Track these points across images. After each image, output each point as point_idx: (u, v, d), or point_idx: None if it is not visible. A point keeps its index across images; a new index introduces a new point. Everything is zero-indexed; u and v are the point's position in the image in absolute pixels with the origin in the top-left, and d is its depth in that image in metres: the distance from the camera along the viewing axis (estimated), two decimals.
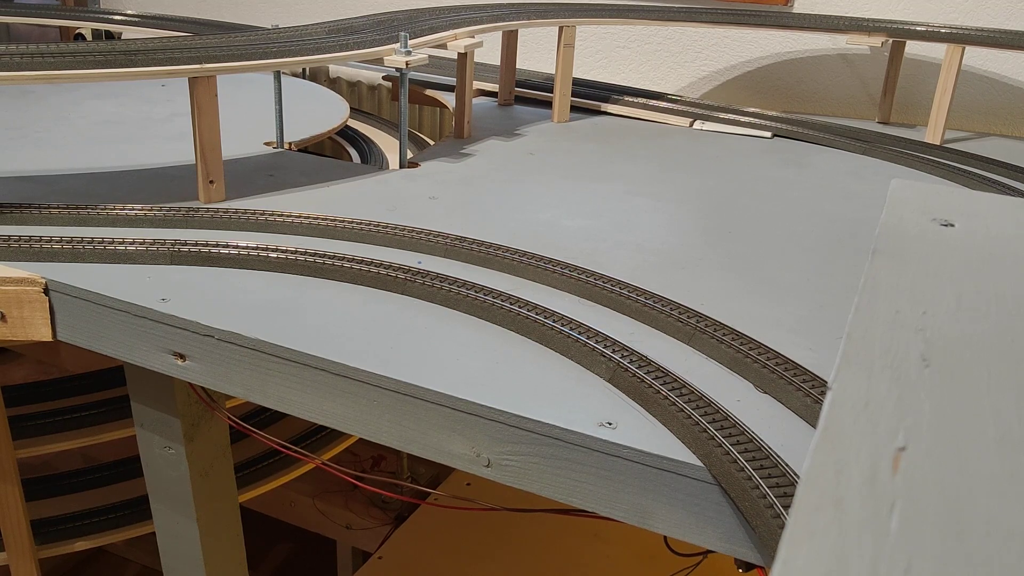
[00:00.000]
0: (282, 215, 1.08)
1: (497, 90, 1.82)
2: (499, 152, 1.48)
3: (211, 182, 1.16)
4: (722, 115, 1.71)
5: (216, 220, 1.08)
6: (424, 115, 2.21)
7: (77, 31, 2.17)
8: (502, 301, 0.88)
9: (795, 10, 1.92)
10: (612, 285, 0.93)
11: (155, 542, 1.25)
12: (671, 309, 0.87)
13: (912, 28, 1.65)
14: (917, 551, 0.29)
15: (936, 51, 1.75)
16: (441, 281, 0.92)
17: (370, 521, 1.91)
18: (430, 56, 1.36)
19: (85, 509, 1.45)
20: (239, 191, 1.20)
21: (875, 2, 1.86)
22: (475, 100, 1.80)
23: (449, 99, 1.76)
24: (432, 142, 1.82)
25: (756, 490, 0.62)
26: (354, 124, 1.80)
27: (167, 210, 1.10)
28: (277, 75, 1.42)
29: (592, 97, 1.79)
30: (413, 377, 0.76)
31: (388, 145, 1.68)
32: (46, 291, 0.94)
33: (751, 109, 1.76)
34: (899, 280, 0.50)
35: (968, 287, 0.50)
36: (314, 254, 0.98)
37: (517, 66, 1.80)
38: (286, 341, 0.82)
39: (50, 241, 0.98)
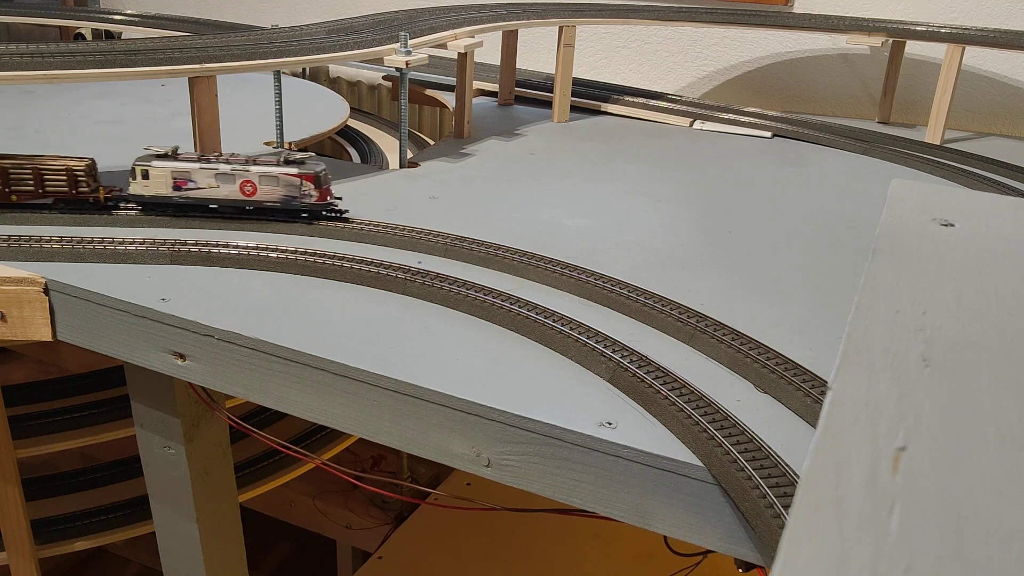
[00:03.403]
0: None
1: (497, 90, 1.82)
2: (499, 152, 1.48)
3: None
4: (722, 115, 1.71)
5: (216, 219, 1.08)
6: (424, 115, 2.21)
7: (77, 31, 2.17)
8: (502, 301, 0.88)
9: (795, 10, 1.92)
10: (612, 285, 0.93)
11: (155, 542, 1.25)
12: (671, 309, 0.87)
13: (912, 28, 1.65)
14: (917, 551, 0.29)
15: (936, 51, 1.75)
16: (441, 281, 0.92)
17: (370, 521, 1.91)
18: (430, 56, 1.36)
19: (85, 509, 1.45)
20: None
21: (875, 2, 1.86)
22: (475, 100, 1.80)
23: (449, 99, 1.76)
24: (432, 142, 1.82)
25: (756, 490, 0.62)
26: (354, 124, 1.80)
27: None
28: (277, 75, 1.42)
29: (592, 97, 1.79)
30: (413, 377, 0.76)
31: (388, 145, 1.68)
32: (46, 291, 0.94)
33: (751, 109, 1.76)
34: (899, 280, 0.50)
35: (968, 287, 0.50)
36: (314, 254, 0.98)
37: (517, 66, 1.80)
38: (286, 341, 0.82)
39: (50, 241, 0.98)
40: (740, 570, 0.68)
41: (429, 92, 1.87)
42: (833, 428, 0.36)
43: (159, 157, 1.05)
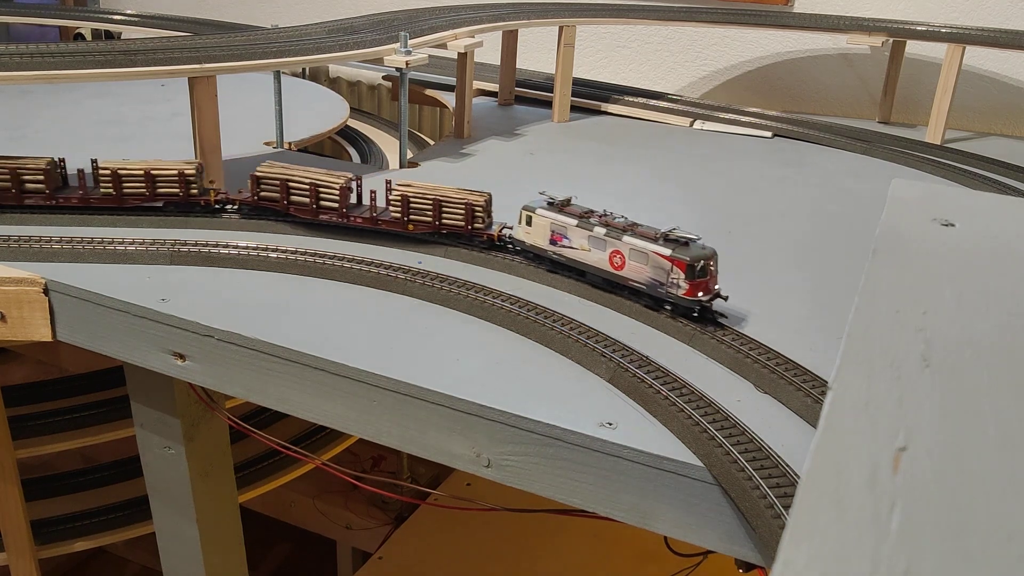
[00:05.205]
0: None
1: (497, 90, 1.82)
2: (499, 152, 1.48)
3: (211, 182, 1.15)
4: (722, 115, 1.71)
5: (216, 220, 1.08)
6: (424, 115, 2.21)
7: (77, 31, 2.17)
8: (502, 301, 0.88)
9: (795, 10, 1.92)
10: None
11: (155, 542, 1.25)
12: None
13: (912, 28, 1.65)
14: (917, 551, 0.29)
15: (936, 51, 1.75)
16: (441, 281, 0.92)
17: (370, 521, 1.91)
18: (430, 56, 1.36)
19: (85, 509, 1.45)
20: None
21: (875, 2, 1.86)
22: (475, 100, 1.80)
23: (449, 99, 1.76)
24: (432, 142, 1.82)
25: (756, 490, 0.62)
26: (354, 124, 1.80)
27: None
28: (277, 75, 1.42)
29: (592, 97, 1.79)
30: (413, 377, 0.76)
31: (388, 145, 1.69)
32: (46, 291, 0.94)
33: (751, 109, 1.76)
34: (899, 280, 0.50)
35: (968, 287, 0.50)
36: (314, 254, 0.98)
37: (517, 66, 1.80)
38: (286, 341, 0.82)
39: (50, 241, 0.98)
40: (740, 570, 0.68)
41: (429, 92, 1.87)
42: (833, 428, 0.36)
43: (548, 206, 0.96)
